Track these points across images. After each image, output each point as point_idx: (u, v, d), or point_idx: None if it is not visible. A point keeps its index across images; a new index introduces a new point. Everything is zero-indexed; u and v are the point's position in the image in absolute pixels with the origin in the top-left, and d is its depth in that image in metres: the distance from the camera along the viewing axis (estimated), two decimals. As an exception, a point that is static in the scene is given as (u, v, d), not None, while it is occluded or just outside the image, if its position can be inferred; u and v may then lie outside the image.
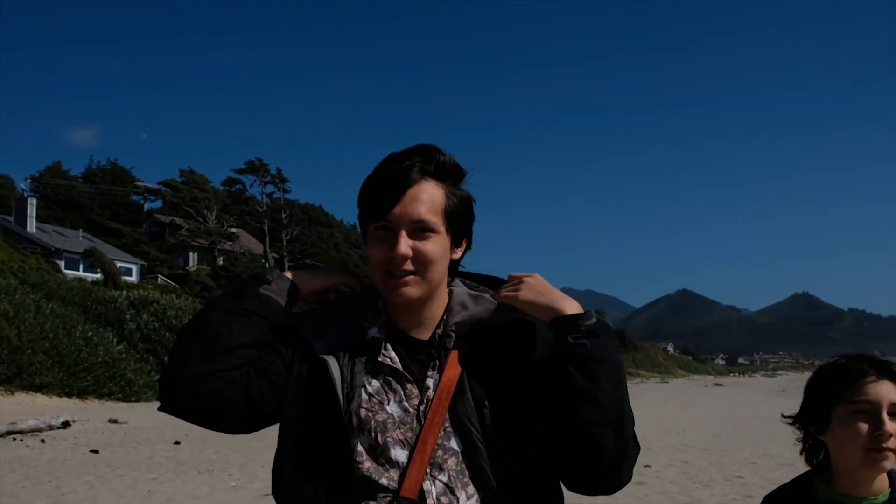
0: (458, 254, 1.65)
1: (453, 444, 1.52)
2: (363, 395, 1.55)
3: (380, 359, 1.58)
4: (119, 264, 48.56)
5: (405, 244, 1.53)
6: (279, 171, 69.97)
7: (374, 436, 1.52)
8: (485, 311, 1.62)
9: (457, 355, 1.58)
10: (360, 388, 1.55)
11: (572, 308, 1.57)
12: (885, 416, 1.74)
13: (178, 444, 13.70)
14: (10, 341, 21.88)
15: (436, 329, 1.61)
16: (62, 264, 45.79)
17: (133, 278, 50.33)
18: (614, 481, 1.55)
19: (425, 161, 1.56)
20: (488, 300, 1.64)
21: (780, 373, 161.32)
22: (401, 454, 1.50)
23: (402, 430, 1.52)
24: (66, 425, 16.59)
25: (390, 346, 1.59)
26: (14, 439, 14.51)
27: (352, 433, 1.51)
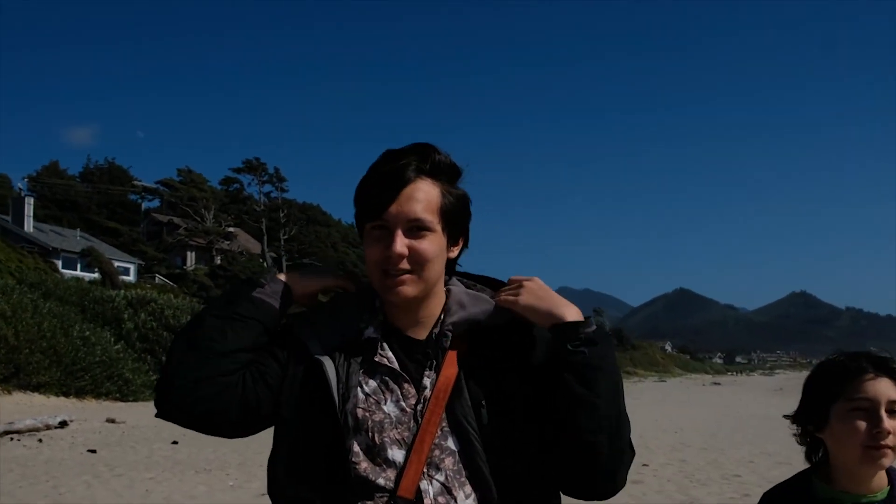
0: (454, 252, 1.64)
1: (450, 443, 1.51)
2: (360, 394, 1.54)
3: (376, 359, 1.57)
4: (116, 264, 48.52)
5: (401, 243, 1.52)
6: (277, 170, 69.95)
7: (370, 436, 1.51)
8: (482, 311, 1.61)
9: (454, 355, 1.57)
10: (356, 389, 1.54)
11: (572, 315, 1.56)
12: (883, 413, 1.74)
13: (175, 443, 13.69)
14: (7, 341, 21.85)
15: (433, 328, 1.61)
16: (59, 264, 45.70)
17: (131, 278, 50.24)
18: (609, 487, 1.56)
19: (421, 160, 1.56)
20: (486, 300, 1.64)
21: (777, 372, 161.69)
22: (398, 454, 1.50)
23: (399, 430, 1.52)
24: (63, 425, 16.58)
25: (387, 346, 1.59)
26: (11, 439, 14.49)
27: (347, 434, 1.51)
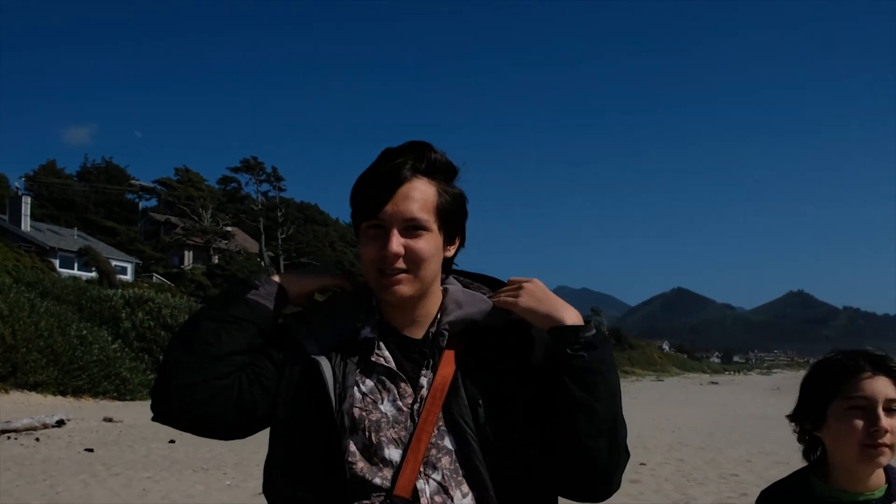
0: (451, 251, 1.64)
1: (447, 442, 1.51)
2: (357, 394, 1.54)
3: (373, 358, 1.57)
4: (114, 263, 48.47)
5: (397, 242, 1.52)
6: (275, 169, 69.95)
7: (367, 435, 1.51)
8: (479, 310, 1.61)
9: (451, 354, 1.57)
10: (353, 388, 1.54)
11: (572, 318, 1.55)
12: (880, 411, 1.75)
13: (172, 442, 13.68)
14: (4, 340, 21.84)
15: (429, 327, 1.61)
16: (57, 263, 45.65)
17: (128, 277, 50.18)
18: (606, 490, 1.56)
19: (417, 159, 1.56)
20: (484, 299, 1.64)
21: (775, 371, 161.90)
22: (394, 453, 1.50)
23: (395, 430, 1.52)
24: (60, 424, 16.57)
25: (384, 345, 1.59)
26: (9, 438, 14.48)
27: (343, 434, 1.50)
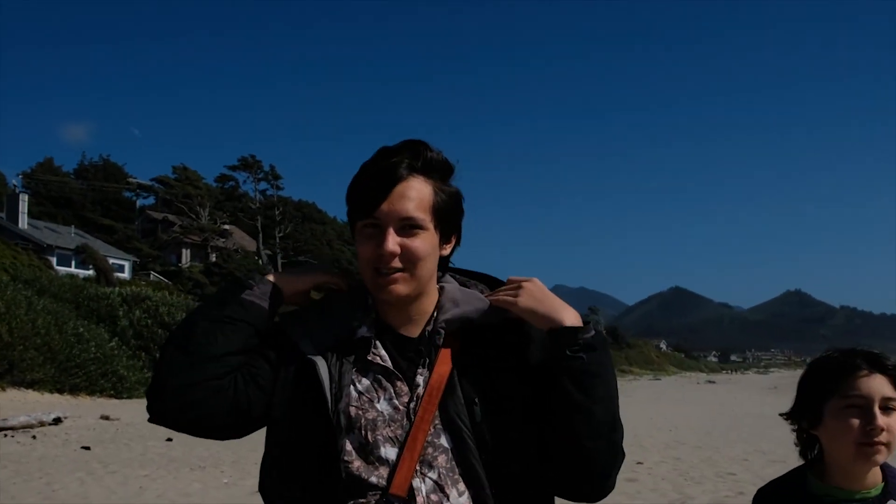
0: (447, 250, 1.64)
1: (443, 441, 1.51)
2: (353, 393, 1.54)
3: (369, 357, 1.57)
4: (111, 261, 48.44)
5: (393, 241, 1.52)
6: (272, 167, 69.98)
7: (363, 434, 1.51)
8: (476, 309, 1.61)
9: (448, 353, 1.57)
10: (349, 388, 1.54)
11: (571, 319, 1.55)
12: (876, 410, 1.75)
13: (170, 440, 13.65)
14: (1, 338, 21.83)
15: (426, 326, 1.60)
16: (54, 261, 45.64)
17: (125, 275, 50.14)
18: (601, 490, 1.57)
19: (413, 157, 1.55)
20: (480, 297, 1.63)
21: (772, 370, 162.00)
22: (390, 452, 1.50)
23: (391, 428, 1.51)
24: (57, 422, 16.55)
25: (380, 344, 1.58)
26: (5, 436, 14.46)
27: (339, 433, 1.50)
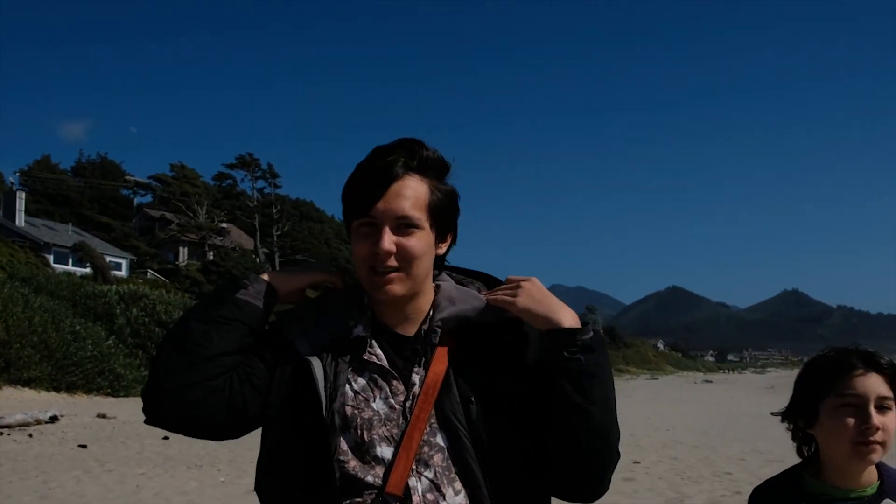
0: (443, 249, 1.64)
1: (439, 440, 1.51)
2: (349, 392, 1.54)
3: (365, 356, 1.56)
4: (108, 259, 48.42)
5: (389, 240, 1.52)
6: (270, 166, 69.97)
7: (359, 433, 1.51)
8: (473, 308, 1.61)
9: (444, 351, 1.56)
10: (344, 387, 1.54)
11: (569, 320, 1.54)
12: (872, 409, 1.75)
13: (166, 439, 13.65)
14: (-3, 335, 21.80)
15: (422, 324, 1.60)
16: (51, 258, 45.60)
17: (123, 273, 50.12)
18: (596, 491, 1.57)
19: (409, 156, 1.55)
20: (477, 296, 1.63)
21: (769, 370, 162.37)
22: (386, 451, 1.49)
23: (387, 427, 1.51)
24: (54, 420, 16.55)
25: (376, 343, 1.58)
26: (1, 434, 14.45)
27: (333, 433, 1.50)
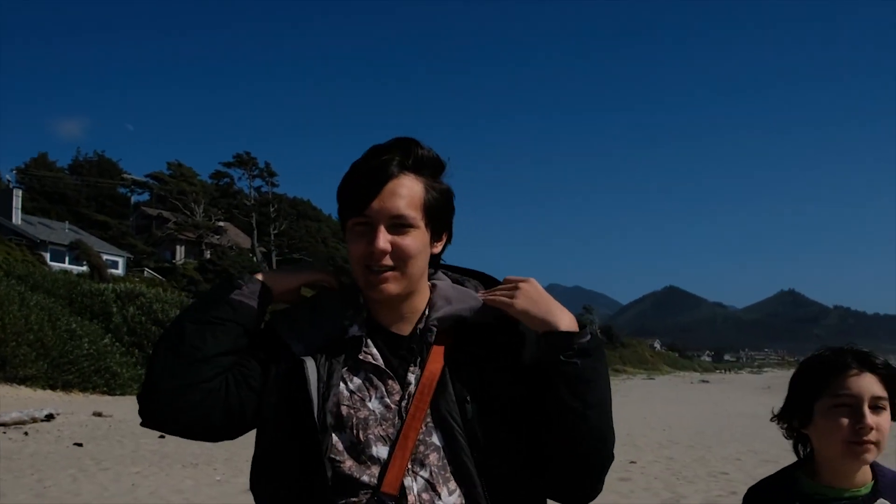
0: (438, 248, 1.63)
1: (435, 439, 1.51)
2: (344, 392, 1.53)
3: (361, 356, 1.56)
4: (105, 257, 48.30)
5: (384, 239, 1.51)
6: (267, 164, 69.78)
7: (355, 433, 1.50)
8: (469, 307, 1.60)
9: (440, 350, 1.56)
10: (337, 387, 1.53)
11: (566, 323, 1.54)
12: (865, 409, 1.76)
13: (162, 437, 13.61)
14: (-7, 333, 21.76)
15: (417, 324, 1.60)
16: (48, 256, 45.51)
17: (119, 271, 50.03)
18: (589, 494, 1.58)
19: (404, 155, 1.55)
20: (473, 296, 1.63)
21: (765, 370, 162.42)
22: (382, 450, 1.49)
23: (383, 427, 1.51)
24: (49, 418, 16.50)
25: (371, 343, 1.58)
26: (-3, 432, 14.42)
27: (325, 433, 1.49)
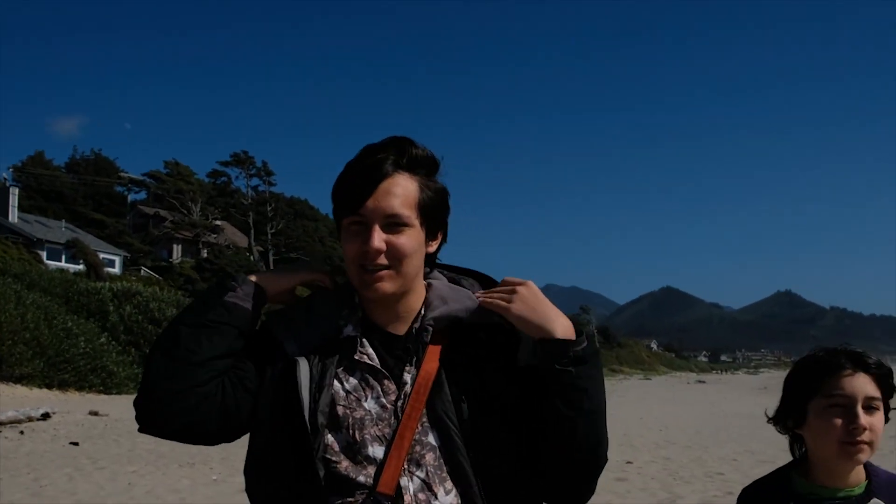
0: (433, 247, 1.63)
1: (431, 439, 1.50)
2: (340, 392, 1.53)
3: (356, 356, 1.56)
4: (102, 256, 48.27)
5: (378, 238, 1.51)
6: (265, 163, 69.62)
7: (351, 433, 1.50)
8: (464, 308, 1.60)
9: (436, 350, 1.56)
10: (330, 387, 1.53)
11: (562, 331, 1.53)
12: (859, 409, 1.77)
13: (159, 436, 13.62)
14: (-10, 332, 21.72)
15: (413, 323, 1.59)
16: (44, 255, 45.44)
17: (116, 270, 49.98)
18: (582, 496, 1.58)
19: (398, 154, 1.55)
20: (469, 296, 1.62)
21: (762, 370, 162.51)
22: (378, 450, 1.49)
23: (379, 427, 1.51)
24: (45, 417, 16.47)
25: (367, 343, 1.58)
26: (-7, 431, 14.40)
27: (316, 433, 1.49)
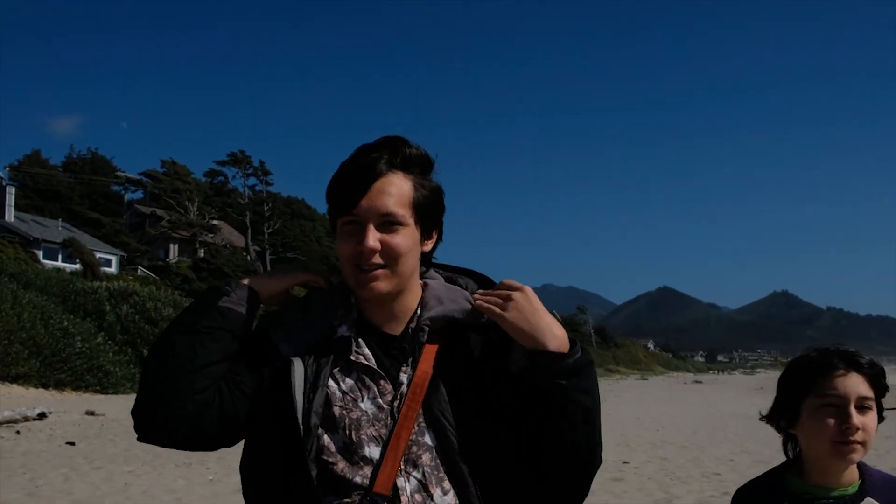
0: (428, 246, 1.63)
1: (427, 439, 1.50)
2: (337, 392, 1.53)
3: (352, 357, 1.55)
4: (98, 255, 48.22)
5: (373, 238, 1.51)
6: (262, 163, 69.62)
7: (347, 434, 1.50)
8: (461, 308, 1.60)
9: (432, 350, 1.56)
10: (325, 388, 1.53)
11: (555, 343, 1.51)
12: (852, 409, 1.77)
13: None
14: (-14, 331, 21.67)
15: (409, 323, 1.59)
16: (41, 254, 45.40)
17: (113, 269, 49.94)
18: (576, 498, 1.59)
19: (392, 153, 1.55)
20: (466, 296, 1.62)
21: (758, 370, 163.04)
22: (374, 451, 1.49)
23: (375, 427, 1.51)
24: (42, 417, 16.45)
25: (363, 343, 1.57)
26: (-11, 431, 14.37)
27: (308, 434, 1.48)
